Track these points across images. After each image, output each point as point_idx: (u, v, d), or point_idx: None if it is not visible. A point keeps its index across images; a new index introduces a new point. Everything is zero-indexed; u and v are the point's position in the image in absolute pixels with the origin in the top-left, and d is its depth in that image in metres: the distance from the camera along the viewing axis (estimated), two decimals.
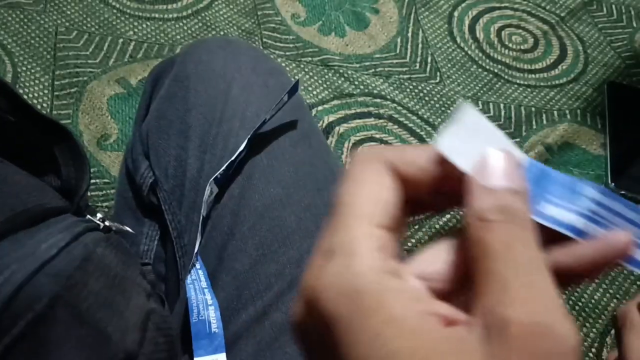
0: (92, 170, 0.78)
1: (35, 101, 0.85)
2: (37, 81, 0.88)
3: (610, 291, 0.81)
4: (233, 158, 0.41)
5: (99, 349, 0.22)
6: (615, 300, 0.80)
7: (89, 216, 0.33)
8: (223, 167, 0.41)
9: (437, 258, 0.23)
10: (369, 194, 0.22)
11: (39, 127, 0.37)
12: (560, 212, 0.22)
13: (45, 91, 0.87)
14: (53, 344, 0.21)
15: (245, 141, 0.42)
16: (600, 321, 0.79)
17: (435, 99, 0.97)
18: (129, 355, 0.24)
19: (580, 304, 0.80)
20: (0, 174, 0.28)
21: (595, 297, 0.80)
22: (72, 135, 0.37)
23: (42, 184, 0.34)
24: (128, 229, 0.38)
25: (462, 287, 0.23)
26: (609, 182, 0.90)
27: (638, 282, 0.82)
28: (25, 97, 0.81)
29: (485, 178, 0.22)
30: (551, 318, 0.18)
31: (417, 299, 0.20)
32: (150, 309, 0.27)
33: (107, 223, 0.34)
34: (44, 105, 0.85)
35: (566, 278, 0.23)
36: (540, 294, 0.19)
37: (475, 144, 0.22)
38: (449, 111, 0.96)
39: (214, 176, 0.40)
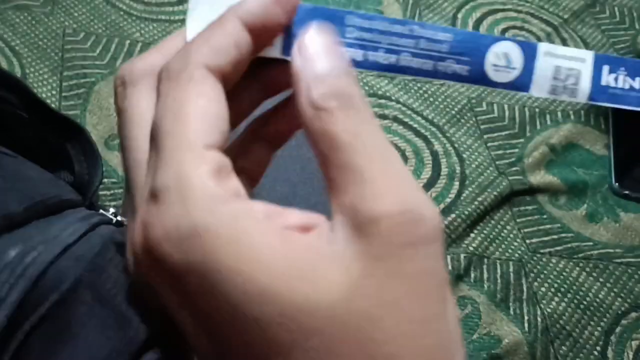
0: None
1: None
2: (45, 82, 0.89)
3: (615, 290, 0.82)
4: None
5: (121, 330, 0.23)
6: (619, 299, 0.81)
7: (102, 210, 0.34)
8: None
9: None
10: (193, 113, 0.18)
11: (51, 123, 0.37)
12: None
13: (53, 92, 0.88)
14: (77, 325, 0.21)
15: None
16: (604, 320, 0.79)
17: (440, 99, 0.98)
18: (148, 338, 0.24)
19: (584, 303, 0.80)
20: (16, 169, 0.29)
21: (600, 295, 0.81)
22: (84, 131, 0.38)
23: (55, 178, 0.35)
24: None
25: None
26: (613, 182, 0.90)
27: None
28: None
29: (308, 64, 0.19)
30: (417, 202, 0.18)
31: (267, 216, 0.18)
32: None
33: (119, 218, 0.35)
34: (52, 105, 0.86)
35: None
36: (400, 179, 0.18)
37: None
38: (453, 112, 0.97)
39: None
